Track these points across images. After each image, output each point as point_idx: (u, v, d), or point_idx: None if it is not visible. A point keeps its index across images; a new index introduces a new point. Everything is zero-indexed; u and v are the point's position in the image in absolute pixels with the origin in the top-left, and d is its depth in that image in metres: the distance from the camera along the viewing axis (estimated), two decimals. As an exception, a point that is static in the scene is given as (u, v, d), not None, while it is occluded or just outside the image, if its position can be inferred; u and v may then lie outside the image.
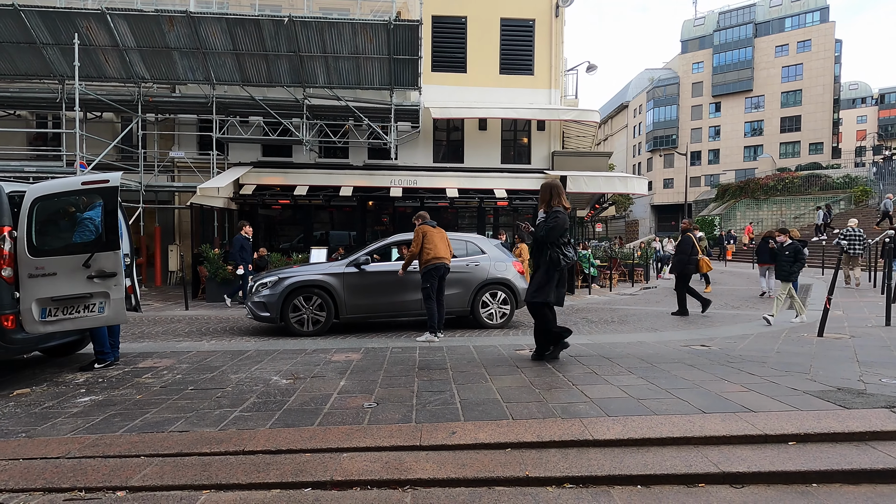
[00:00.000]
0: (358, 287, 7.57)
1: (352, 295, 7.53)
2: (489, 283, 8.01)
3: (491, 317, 8.01)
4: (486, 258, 8.12)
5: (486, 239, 8.74)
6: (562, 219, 4.92)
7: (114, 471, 2.85)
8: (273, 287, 7.45)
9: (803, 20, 49.84)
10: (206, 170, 13.98)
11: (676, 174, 51.62)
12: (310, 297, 7.44)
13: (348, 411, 3.75)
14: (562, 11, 15.80)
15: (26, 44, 12.03)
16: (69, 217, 4.75)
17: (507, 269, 8.13)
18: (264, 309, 7.41)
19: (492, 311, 8.02)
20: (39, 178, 11.39)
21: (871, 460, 2.94)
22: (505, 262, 8.21)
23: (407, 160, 15.35)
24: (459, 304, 7.83)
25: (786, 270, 8.07)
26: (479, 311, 7.98)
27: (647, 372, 4.78)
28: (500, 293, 8.05)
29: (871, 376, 4.56)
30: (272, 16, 12.25)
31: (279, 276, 7.59)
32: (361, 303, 7.59)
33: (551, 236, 4.91)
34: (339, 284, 7.49)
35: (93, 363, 5.18)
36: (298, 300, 7.41)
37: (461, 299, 7.82)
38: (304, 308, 7.42)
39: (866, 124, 63.61)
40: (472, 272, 7.93)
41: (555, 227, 4.91)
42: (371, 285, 7.64)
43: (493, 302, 8.03)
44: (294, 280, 7.45)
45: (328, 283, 7.46)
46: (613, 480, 2.80)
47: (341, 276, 7.53)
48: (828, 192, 31.60)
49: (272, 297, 7.38)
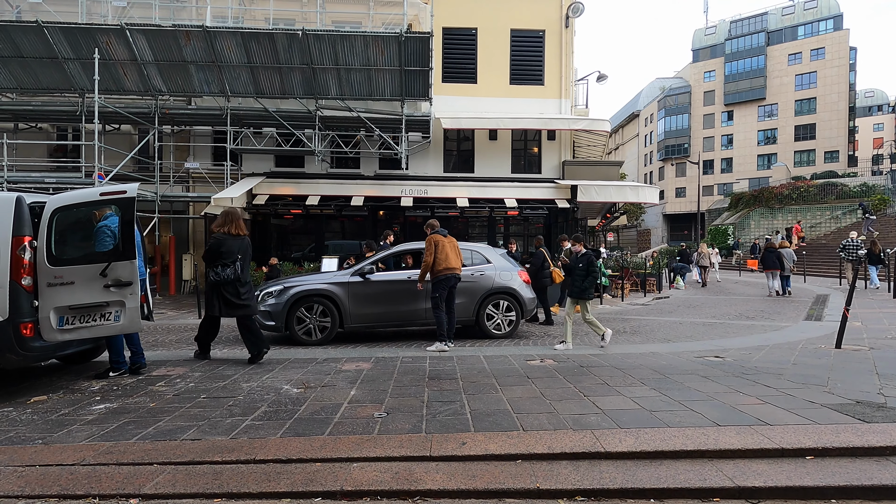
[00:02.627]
0: (363, 296, 7.54)
1: (356, 304, 7.50)
2: (494, 292, 7.94)
3: (498, 327, 7.95)
4: (491, 267, 8.07)
5: (491, 248, 8.71)
6: (216, 243, 5.70)
7: (127, 478, 2.88)
8: (278, 296, 7.44)
9: (816, 28, 49.46)
10: (220, 180, 14.20)
11: (689, 183, 51.21)
12: (314, 307, 7.42)
13: (359, 421, 3.75)
14: (572, 22, 15.88)
15: (49, 59, 12.38)
16: (88, 227, 4.85)
17: (513, 279, 8.07)
18: (269, 318, 7.40)
19: (497, 321, 7.96)
20: (59, 188, 11.66)
21: (891, 476, 2.87)
22: (510, 271, 8.15)
23: (418, 170, 15.45)
24: (464, 313, 7.76)
25: (578, 286, 6.82)
26: (484, 321, 7.91)
27: (660, 383, 4.72)
28: (505, 302, 7.98)
29: (891, 389, 4.45)
30: (286, 29, 12.48)
31: (284, 285, 7.59)
32: (366, 312, 7.56)
33: (205, 258, 5.82)
34: (344, 294, 7.47)
35: (108, 371, 5.25)
36: (303, 310, 7.40)
37: (466, 309, 7.75)
38: (308, 317, 7.42)
39: (883, 132, 62.62)
40: (477, 281, 7.88)
41: (208, 249, 5.80)
42: (376, 294, 7.59)
43: (497, 312, 7.97)
44: (299, 289, 7.44)
45: (333, 293, 7.43)
46: (626, 494, 2.76)
47: (346, 286, 7.51)
48: (844, 201, 31.10)
49: (277, 307, 7.36)
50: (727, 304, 12.88)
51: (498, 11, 15.71)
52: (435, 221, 7.24)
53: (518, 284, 8.08)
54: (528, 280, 8.35)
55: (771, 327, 8.92)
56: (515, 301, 8.00)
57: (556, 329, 8.95)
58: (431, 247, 6.81)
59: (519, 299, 8.01)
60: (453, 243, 7.05)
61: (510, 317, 8.00)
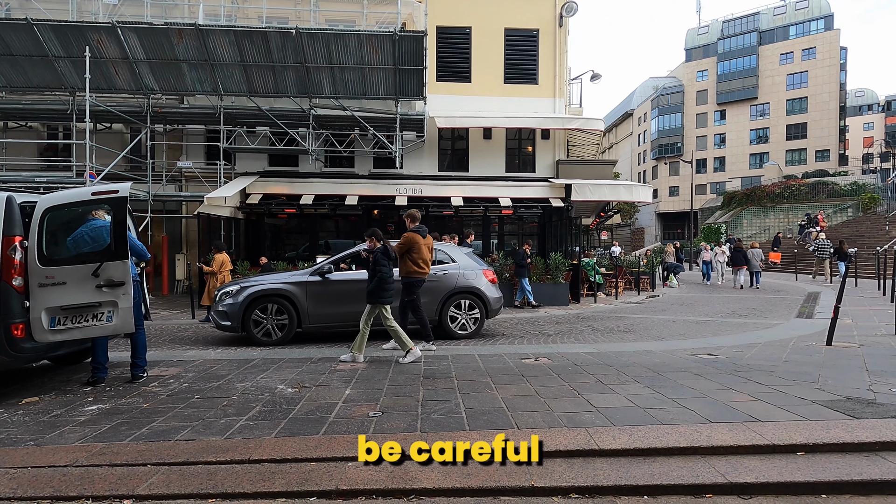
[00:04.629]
0: (322, 296, 7.39)
1: (315, 304, 7.36)
2: (458, 291, 7.81)
3: (463, 327, 7.79)
4: (454, 266, 7.93)
5: (456, 247, 8.56)
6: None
7: (121, 479, 2.87)
8: (235, 296, 7.32)
9: (808, 28, 49.86)
10: (214, 179, 14.10)
11: (682, 182, 51.47)
12: (271, 307, 7.28)
13: (353, 420, 3.75)
14: (566, 21, 15.90)
15: (39, 57, 12.24)
16: (79, 227, 4.80)
17: (477, 278, 7.95)
18: (225, 318, 7.28)
19: (462, 321, 7.82)
20: (50, 188, 11.54)
21: (881, 471, 2.91)
22: (475, 270, 8.02)
23: (412, 169, 15.42)
24: (428, 313, 7.50)
25: (368, 289, 5.92)
26: (447, 321, 7.74)
27: (654, 381, 4.76)
28: (469, 302, 7.86)
29: (880, 385, 4.51)
30: (279, 28, 12.40)
31: (241, 285, 7.48)
32: (325, 312, 7.41)
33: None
34: (302, 293, 7.34)
35: (97, 379, 5.14)
36: (257, 311, 7.25)
37: (429, 309, 7.55)
38: (264, 318, 7.29)
39: (873, 131, 63.24)
40: (440, 281, 7.72)
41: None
42: (335, 294, 7.45)
43: (461, 312, 7.84)
44: (255, 289, 7.31)
45: (290, 292, 7.30)
46: (620, 491, 2.78)
47: (304, 285, 7.38)
48: (835, 200, 31.41)
49: (234, 307, 7.23)
50: (720, 302, 12.98)
51: (492, 11, 15.70)
52: (416, 212, 6.89)
53: (483, 283, 7.95)
54: (494, 279, 8.22)
55: (763, 325, 9.00)
56: (479, 300, 7.87)
57: (554, 328, 8.98)
58: (406, 245, 6.49)
59: (483, 298, 7.87)
60: (430, 245, 6.81)
61: (474, 315, 7.85)
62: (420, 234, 6.62)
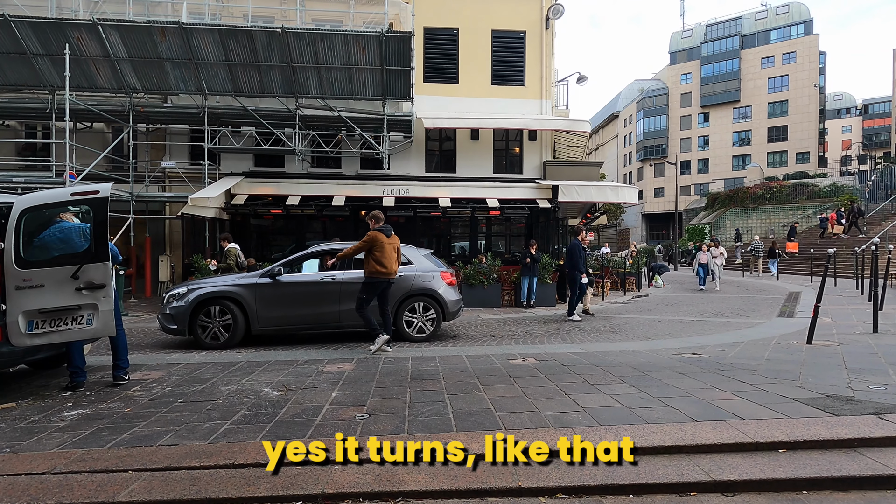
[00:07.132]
0: (272, 298, 7.27)
1: (265, 307, 7.23)
2: (413, 294, 7.69)
3: (420, 329, 7.68)
4: (411, 268, 7.77)
5: (415, 249, 8.40)
6: None
7: (101, 486, 2.81)
8: (180, 299, 7.17)
9: (788, 32, 50.91)
10: (198, 180, 13.91)
11: (667, 183, 52.15)
12: (219, 310, 7.15)
13: (340, 423, 3.73)
14: (552, 24, 16.01)
15: (16, 54, 11.95)
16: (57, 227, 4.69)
17: (434, 279, 7.83)
18: (171, 321, 7.13)
19: (419, 324, 7.70)
20: (28, 188, 11.27)
21: (860, 467, 2.97)
22: (432, 272, 7.91)
23: (399, 170, 15.39)
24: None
25: None
26: (402, 324, 7.62)
27: (639, 381, 4.80)
28: (424, 304, 7.74)
29: (859, 383, 4.61)
30: (265, 27, 12.29)
31: (188, 287, 7.35)
32: (276, 315, 7.29)
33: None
34: (251, 296, 7.20)
35: (75, 384, 5.03)
36: (202, 315, 7.11)
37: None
38: (210, 321, 7.14)
39: (851, 134, 64.85)
40: (395, 283, 7.43)
41: None
42: (286, 296, 7.33)
43: (416, 315, 7.72)
44: (202, 291, 7.18)
45: (239, 295, 7.16)
46: (606, 490, 2.80)
47: (254, 288, 7.26)
48: (815, 201, 32.06)
49: (180, 309, 7.08)
50: (704, 301, 13.17)
51: (479, 12, 15.75)
52: (380, 213, 6.73)
53: (440, 286, 7.83)
54: (452, 281, 8.13)
55: (746, 324, 9.15)
56: (436, 302, 7.76)
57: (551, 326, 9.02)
58: (367, 245, 6.40)
59: (440, 300, 7.75)
60: (395, 244, 6.70)
61: (430, 316, 7.74)
62: (384, 234, 6.53)
